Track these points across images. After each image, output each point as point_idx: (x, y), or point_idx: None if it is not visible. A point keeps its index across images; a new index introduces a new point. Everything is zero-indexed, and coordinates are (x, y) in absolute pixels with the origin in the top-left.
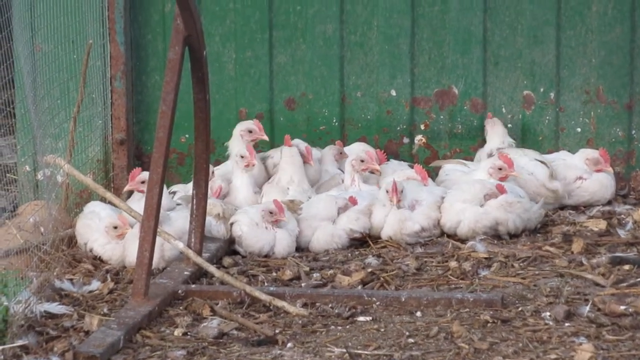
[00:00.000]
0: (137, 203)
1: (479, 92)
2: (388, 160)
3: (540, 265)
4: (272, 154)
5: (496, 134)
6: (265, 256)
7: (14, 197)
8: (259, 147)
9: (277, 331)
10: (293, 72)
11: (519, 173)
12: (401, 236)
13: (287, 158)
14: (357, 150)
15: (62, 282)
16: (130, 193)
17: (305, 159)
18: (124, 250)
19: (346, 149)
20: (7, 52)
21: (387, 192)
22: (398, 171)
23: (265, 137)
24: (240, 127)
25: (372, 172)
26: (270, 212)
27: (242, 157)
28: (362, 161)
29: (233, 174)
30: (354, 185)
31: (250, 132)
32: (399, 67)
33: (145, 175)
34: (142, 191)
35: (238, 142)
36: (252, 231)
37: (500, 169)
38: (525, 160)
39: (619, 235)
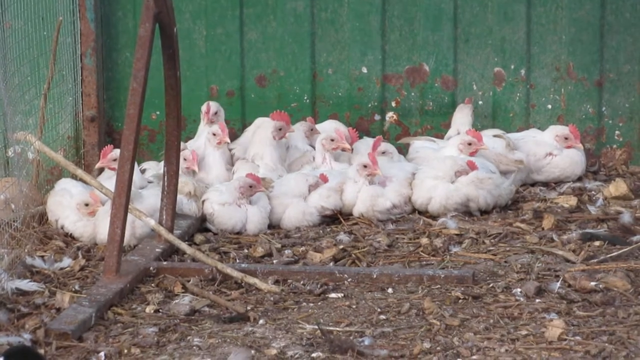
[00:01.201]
0: (108, 181)
1: (449, 69)
2: (360, 137)
3: (511, 242)
4: (236, 147)
5: (461, 120)
6: (237, 233)
7: None
8: (230, 124)
9: (248, 308)
10: (264, 49)
11: (488, 147)
12: (373, 213)
13: (260, 134)
14: (329, 128)
15: (34, 259)
16: (101, 170)
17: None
18: (95, 227)
19: (318, 127)
20: None
21: (364, 166)
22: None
23: (227, 140)
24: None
25: (343, 150)
26: (250, 186)
27: (214, 134)
28: (333, 140)
29: (205, 151)
30: (325, 164)
31: (215, 135)
32: (369, 44)
33: (116, 152)
34: (113, 169)
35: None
36: (223, 209)
37: (469, 143)
38: (485, 139)
39: (590, 212)
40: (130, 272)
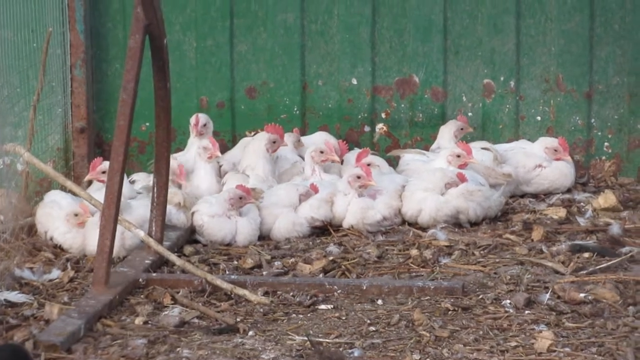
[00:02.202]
0: (97, 192)
1: (439, 80)
2: (350, 149)
3: (500, 253)
4: (224, 162)
5: (444, 135)
6: (227, 245)
7: None
8: (220, 135)
9: (238, 320)
10: (254, 61)
11: (476, 160)
12: (363, 225)
13: (254, 146)
14: (319, 140)
15: (22, 270)
16: (90, 182)
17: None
18: (84, 238)
19: (308, 139)
20: None
21: (357, 177)
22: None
23: (218, 154)
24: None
25: (332, 162)
26: (240, 197)
27: (205, 148)
28: (322, 152)
29: (195, 164)
30: (315, 176)
31: (205, 149)
32: (359, 55)
33: (106, 165)
34: (102, 181)
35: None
36: (213, 220)
37: (458, 156)
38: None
39: (579, 223)
40: (120, 284)
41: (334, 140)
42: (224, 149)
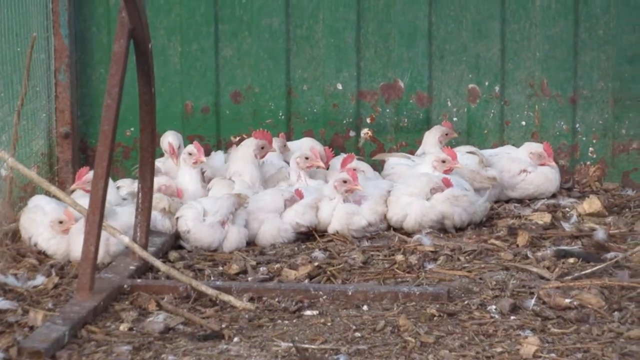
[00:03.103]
0: (82, 198)
1: (424, 85)
2: (336, 154)
3: (485, 259)
4: (207, 168)
5: (428, 140)
6: (213, 250)
7: None
8: (205, 140)
9: (223, 326)
10: (239, 66)
11: (462, 165)
12: (348, 231)
13: (242, 152)
14: (306, 145)
15: (6, 276)
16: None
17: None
18: (69, 244)
19: (294, 144)
20: None
21: (344, 182)
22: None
23: (203, 159)
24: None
25: (317, 168)
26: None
27: (190, 154)
28: (307, 158)
29: (180, 169)
30: (300, 182)
31: (190, 154)
32: (345, 60)
33: (92, 175)
34: (88, 191)
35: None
36: (198, 226)
37: (443, 161)
38: (458, 156)
39: (564, 229)
40: (104, 290)
41: (319, 147)
42: (208, 154)
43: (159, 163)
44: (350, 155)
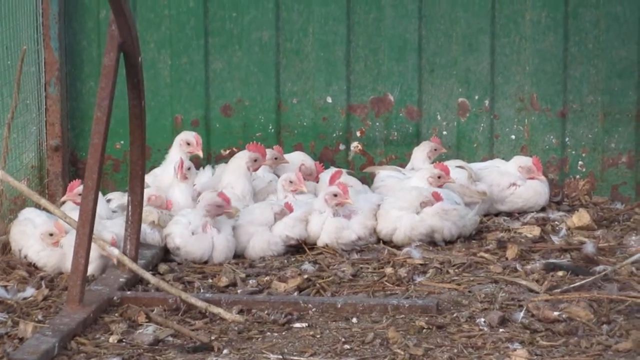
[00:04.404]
0: (72, 211)
1: (414, 99)
2: (325, 167)
3: (475, 272)
4: (197, 183)
5: (417, 155)
6: (204, 263)
7: None
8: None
9: (212, 338)
10: (229, 79)
11: (454, 179)
12: (338, 245)
13: (234, 164)
14: (296, 159)
15: None
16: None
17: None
18: (63, 256)
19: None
20: None
21: (334, 195)
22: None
23: (200, 154)
24: (181, 137)
25: (301, 192)
26: (218, 206)
27: (188, 143)
28: (291, 182)
29: (171, 184)
30: (289, 199)
31: (188, 144)
32: (334, 74)
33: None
34: (78, 203)
35: (177, 151)
36: (188, 240)
37: (439, 177)
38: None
39: (553, 242)
40: (94, 302)
41: (310, 161)
42: (198, 167)
43: (148, 179)
44: (339, 171)
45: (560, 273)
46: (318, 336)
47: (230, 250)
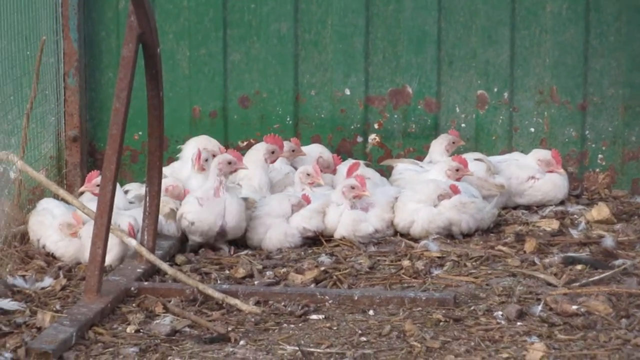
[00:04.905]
0: (90, 202)
1: (432, 91)
2: (343, 159)
3: (492, 265)
4: None
5: (435, 149)
6: (219, 231)
7: None
8: None
9: (229, 329)
10: (247, 70)
11: (472, 172)
12: (355, 237)
13: (252, 156)
14: (314, 151)
15: (15, 278)
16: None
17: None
18: (82, 247)
19: (303, 150)
20: None
21: (352, 187)
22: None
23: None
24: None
25: (318, 185)
26: (229, 162)
27: (192, 160)
28: (309, 175)
29: (189, 175)
30: (306, 189)
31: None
32: (353, 65)
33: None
34: (97, 194)
35: (193, 146)
36: (199, 211)
37: (457, 170)
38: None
39: (572, 235)
40: (112, 292)
41: (328, 154)
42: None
43: (166, 170)
44: (356, 163)
45: (579, 267)
46: (335, 328)
47: (242, 216)
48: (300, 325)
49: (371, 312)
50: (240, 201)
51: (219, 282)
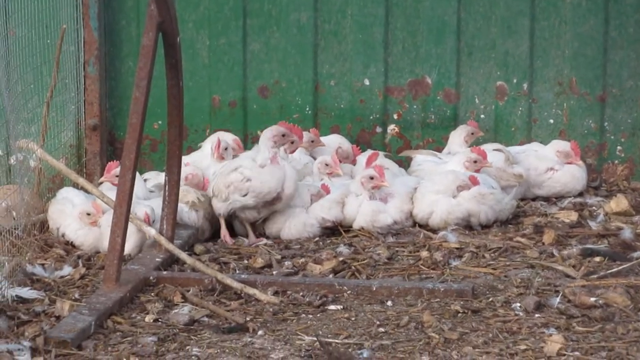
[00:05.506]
0: (109, 191)
1: (452, 82)
2: (362, 150)
3: (511, 256)
4: None
5: (454, 140)
6: (276, 197)
7: None
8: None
9: (248, 319)
10: (267, 60)
11: (490, 163)
12: (373, 228)
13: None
14: (334, 142)
15: (34, 267)
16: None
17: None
18: (101, 235)
19: (322, 140)
20: None
21: (370, 178)
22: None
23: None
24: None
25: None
26: (283, 135)
27: (211, 149)
28: (327, 165)
29: (209, 164)
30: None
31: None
32: (372, 56)
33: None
34: (116, 184)
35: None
36: (259, 172)
37: (475, 161)
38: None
39: (590, 227)
40: (130, 281)
41: (347, 144)
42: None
43: (187, 159)
44: (375, 153)
45: (597, 259)
46: (353, 319)
47: (297, 186)
48: (318, 315)
49: (389, 303)
50: (296, 172)
51: (237, 271)
